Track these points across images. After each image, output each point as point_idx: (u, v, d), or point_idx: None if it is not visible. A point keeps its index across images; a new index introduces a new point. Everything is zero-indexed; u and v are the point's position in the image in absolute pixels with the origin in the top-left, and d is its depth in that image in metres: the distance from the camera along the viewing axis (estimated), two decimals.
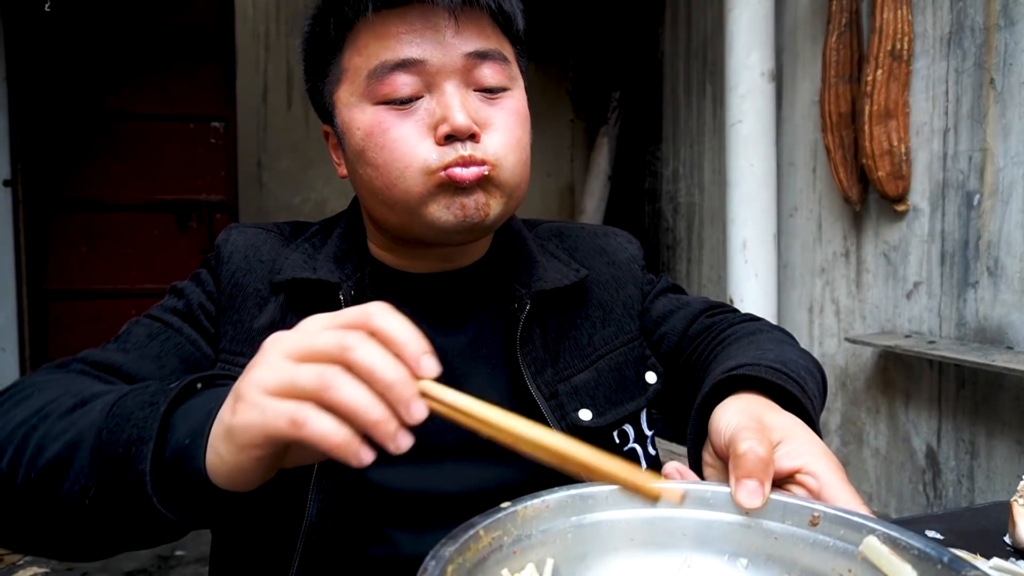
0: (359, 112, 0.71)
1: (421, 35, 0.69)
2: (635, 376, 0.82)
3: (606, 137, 4.04)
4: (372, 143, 0.70)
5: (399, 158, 0.69)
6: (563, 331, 0.81)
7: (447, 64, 0.69)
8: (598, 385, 0.79)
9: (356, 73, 0.71)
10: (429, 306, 0.79)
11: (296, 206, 4.38)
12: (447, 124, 0.68)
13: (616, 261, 0.88)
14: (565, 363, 0.79)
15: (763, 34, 2.47)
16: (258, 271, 0.77)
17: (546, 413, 0.74)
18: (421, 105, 0.69)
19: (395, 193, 0.70)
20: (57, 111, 3.24)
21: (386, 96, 0.69)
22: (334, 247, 0.79)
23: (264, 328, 0.72)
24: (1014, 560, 0.68)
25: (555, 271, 0.81)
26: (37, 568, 2.56)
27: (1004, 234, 1.79)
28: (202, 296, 0.76)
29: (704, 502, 0.51)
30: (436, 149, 0.68)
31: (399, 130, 0.69)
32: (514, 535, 0.49)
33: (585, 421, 0.76)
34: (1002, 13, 1.78)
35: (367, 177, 0.72)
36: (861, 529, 0.45)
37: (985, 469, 1.88)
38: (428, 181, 0.68)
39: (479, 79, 0.71)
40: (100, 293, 3.34)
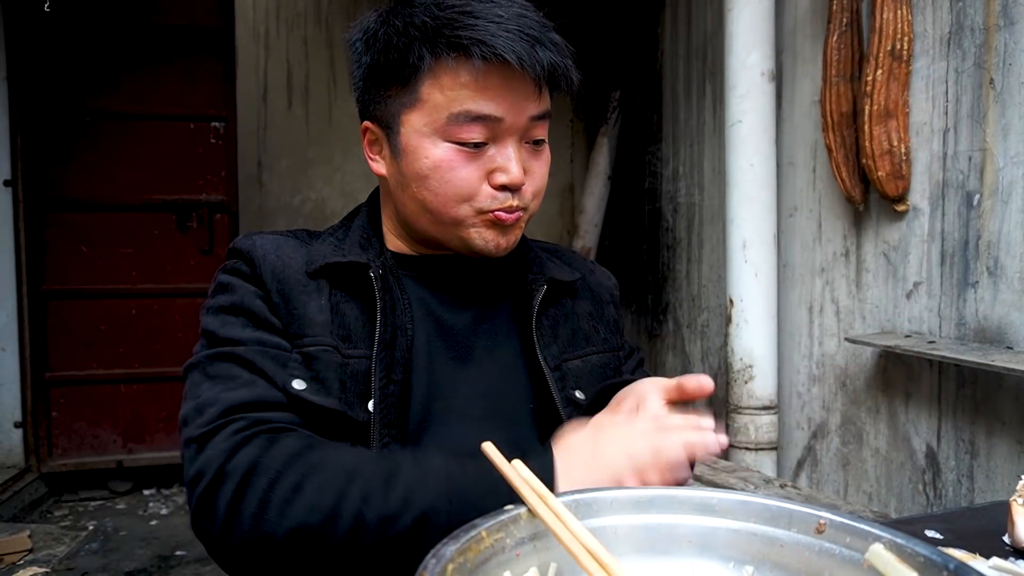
0: (431, 144, 0.80)
1: (505, 96, 0.78)
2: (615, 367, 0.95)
3: (606, 137, 4.04)
4: (439, 176, 0.80)
5: (459, 195, 0.80)
6: (562, 321, 0.93)
7: (516, 123, 0.80)
8: (589, 374, 0.91)
9: (435, 109, 0.79)
10: (445, 283, 0.90)
11: (296, 206, 4.37)
12: (506, 176, 0.80)
13: (601, 284, 1.02)
14: (563, 347, 0.91)
15: (763, 34, 2.47)
16: (292, 265, 0.84)
17: (551, 382, 0.86)
18: (487, 151, 0.80)
19: (445, 217, 0.82)
20: (57, 111, 3.23)
21: (460, 139, 0.79)
22: (357, 236, 0.89)
23: (321, 313, 0.81)
24: (1014, 560, 0.68)
25: (559, 269, 0.95)
26: (37, 568, 2.56)
27: (1004, 234, 1.79)
28: (255, 296, 0.82)
29: (708, 508, 0.51)
30: (487, 194, 0.81)
31: (465, 171, 0.80)
32: (517, 537, 0.49)
33: (580, 399, 0.87)
34: (1002, 13, 1.78)
35: (422, 197, 0.82)
36: (867, 537, 0.45)
37: (985, 469, 1.88)
38: (475, 217, 0.82)
39: (532, 135, 0.83)
40: (100, 293, 3.33)
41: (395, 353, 0.82)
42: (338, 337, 0.81)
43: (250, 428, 0.71)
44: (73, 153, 3.27)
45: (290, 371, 0.77)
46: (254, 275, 0.83)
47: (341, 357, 0.80)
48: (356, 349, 0.81)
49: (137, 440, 3.42)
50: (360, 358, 0.80)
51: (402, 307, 0.85)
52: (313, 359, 0.79)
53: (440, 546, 0.44)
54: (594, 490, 0.54)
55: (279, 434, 0.71)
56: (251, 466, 0.67)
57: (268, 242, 0.87)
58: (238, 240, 0.88)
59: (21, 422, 3.29)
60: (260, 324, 0.80)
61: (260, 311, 0.81)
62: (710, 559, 0.50)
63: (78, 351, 3.33)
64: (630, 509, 0.52)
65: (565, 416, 0.84)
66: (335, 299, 0.83)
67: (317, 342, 0.80)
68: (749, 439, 2.50)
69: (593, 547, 0.46)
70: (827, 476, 2.48)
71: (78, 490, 3.44)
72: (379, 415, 0.78)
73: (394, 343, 0.82)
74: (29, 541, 2.70)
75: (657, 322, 3.77)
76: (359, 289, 0.84)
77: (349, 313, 0.83)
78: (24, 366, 3.25)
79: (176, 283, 3.39)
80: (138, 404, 3.41)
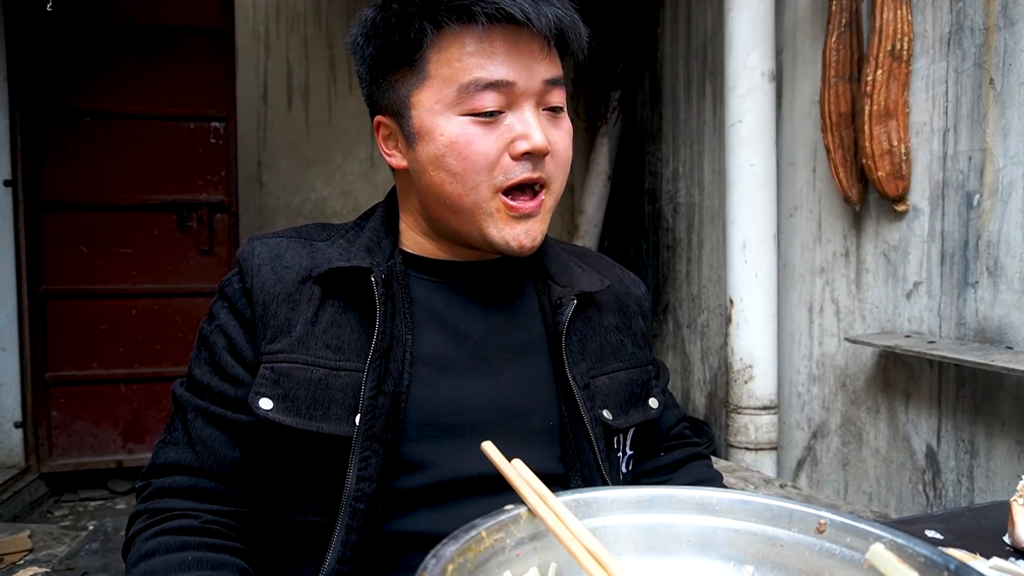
0: (444, 120, 0.77)
1: (513, 58, 0.76)
2: (642, 396, 0.91)
3: (606, 137, 4.04)
4: (456, 152, 0.76)
5: (479, 170, 0.76)
6: (590, 335, 0.88)
7: (530, 87, 0.77)
8: (617, 392, 0.87)
9: (444, 83, 0.76)
10: (464, 288, 0.86)
11: (296, 206, 4.37)
12: (528, 143, 0.76)
13: (629, 293, 0.97)
14: (590, 364, 0.87)
15: (763, 34, 2.47)
16: (285, 276, 0.82)
17: (580, 401, 0.82)
18: (503, 120, 0.77)
19: (465, 201, 0.78)
20: (57, 111, 3.23)
21: (474, 110, 0.76)
22: (366, 239, 0.85)
23: (303, 327, 0.79)
24: (1014, 560, 0.68)
25: (586, 278, 0.90)
26: (37, 568, 2.56)
27: (1004, 234, 1.79)
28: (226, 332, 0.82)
29: (708, 508, 0.51)
30: (507, 166, 0.77)
31: (483, 143, 0.76)
32: (517, 537, 0.49)
33: (608, 419, 0.84)
34: (1002, 13, 1.78)
35: (439, 181, 0.78)
36: (867, 536, 0.45)
37: (985, 469, 1.88)
38: (492, 201, 0.78)
39: (548, 101, 0.79)
40: (100, 293, 3.33)
41: (389, 364, 0.78)
42: (329, 349, 0.79)
43: (144, 510, 0.78)
44: (73, 153, 3.27)
45: (257, 390, 0.77)
46: (243, 289, 0.82)
47: (326, 371, 0.78)
48: (348, 361, 0.79)
49: (137, 440, 3.42)
50: (352, 371, 0.78)
51: (403, 315, 0.82)
52: (284, 376, 0.77)
53: (440, 546, 0.44)
54: (594, 490, 0.54)
55: (148, 520, 0.77)
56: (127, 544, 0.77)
57: (268, 250, 0.84)
58: (243, 245, 0.87)
59: (21, 422, 3.29)
60: (216, 367, 0.81)
61: (220, 351, 0.81)
62: (710, 559, 0.50)
63: (78, 351, 3.33)
64: (630, 509, 0.52)
65: (593, 437, 0.82)
66: (330, 310, 0.81)
67: (293, 359, 0.78)
68: (749, 439, 2.50)
69: (593, 547, 0.46)
70: (827, 476, 2.48)
71: (78, 490, 3.44)
72: (363, 427, 0.75)
73: (390, 353, 0.79)
74: (29, 541, 2.70)
75: (657, 322, 3.77)
76: (360, 296, 0.81)
77: (345, 324, 0.80)
78: (24, 366, 3.25)
79: (176, 283, 3.39)
80: (138, 404, 3.41)
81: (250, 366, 0.80)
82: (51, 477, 3.37)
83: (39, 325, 3.26)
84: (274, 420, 0.76)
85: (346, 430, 0.76)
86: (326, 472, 0.77)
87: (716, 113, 3.15)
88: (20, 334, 3.23)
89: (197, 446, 0.79)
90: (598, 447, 0.82)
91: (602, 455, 0.82)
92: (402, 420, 0.78)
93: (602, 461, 0.82)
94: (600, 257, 1.01)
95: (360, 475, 0.75)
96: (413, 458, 0.78)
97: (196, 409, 0.80)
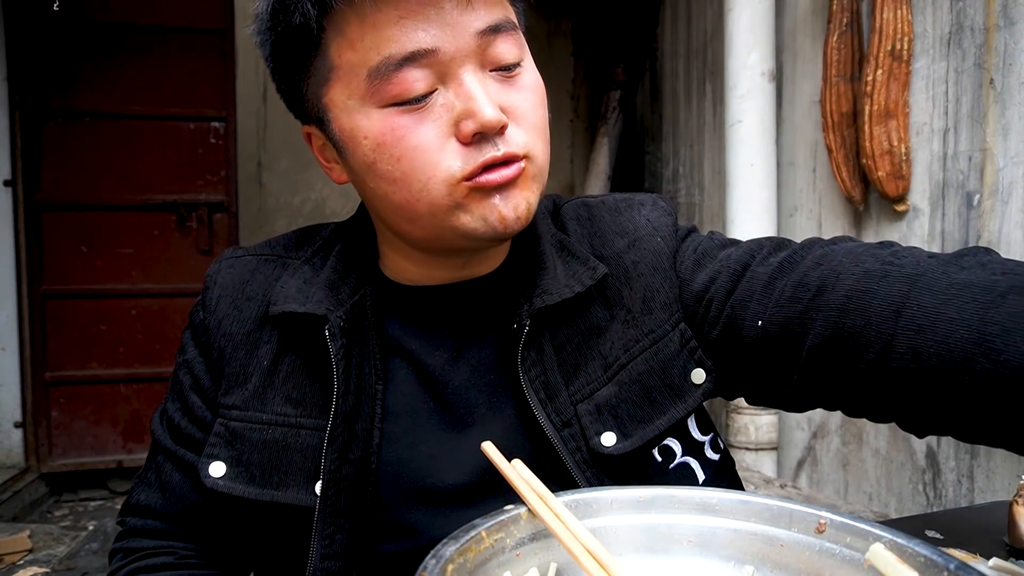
0: (363, 118, 0.60)
1: (424, 18, 0.58)
2: (668, 383, 0.69)
3: (606, 137, 4.04)
4: (385, 154, 0.60)
5: (420, 168, 0.60)
6: (584, 340, 0.70)
7: (461, 48, 0.59)
8: (620, 402, 0.67)
9: (352, 72, 0.60)
10: (439, 322, 0.72)
11: (296, 206, 4.37)
12: (473, 121, 0.58)
13: (637, 239, 0.73)
14: (588, 377, 0.68)
15: (763, 34, 2.47)
16: (246, 311, 0.72)
17: (557, 446, 0.65)
18: (436, 100, 0.60)
19: (419, 208, 0.61)
20: (57, 111, 3.23)
21: (396, 97, 0.59)
22: (330, 270, 0.71)
23: (258, 379, 0.70)
24: (1014, 560, 0.68)
25: (565, 276, 0.69)
26: (37, 568, 2.56)
27: (1004, 234, 1.79)
28: (191, 370, 0.75)
29: (708, 508, 0.51)
30: (460, 152, 0.59)
31: (416, 136, 0.59)
32: (516, 538, 0.49)
33: (607, 447, 0.66)
34: (1002, 13, 1.78)
35: (381, 192, 0.63)
36: (867, 536, 0.45)
37: (985, 469, 1.88)
38: (455, 192, 0.60)
39: (495, 57, 0.61)
40: (100, 293, 3.33)
41: (356, 425, 0.67)
42: (289, 403, 0.69)
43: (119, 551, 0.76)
44: (73, 153, 3.27)
45: (208, 452, 0.69)
46: (203, 324, 0.74)
47: (285, 430, 0.68)
48: (310, 418, 0.68)
49: (137, 440, 3.42)
50: (313, 429, 0.68)
51: (371, 363, 0.69)
52: (237, 437, 0.69)
53: (440, 546, 0.44)
54: (594, 490, 0.54)
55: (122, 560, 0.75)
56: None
57: (233, 277, 0.74)
58: (212, 264, 0.78)
59: (21, 422, 3.29)
60: (184, 405, 0.75)
61: (186, 390, 0.74)
62: (710, 559, 0.50)
63: (78, 351, 3.33)
64: (630, 509, 0.52)
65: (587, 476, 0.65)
66: (290, 357, 0.70)
67: (247, 417, 0.69)
68: (749, 439, 2.50)
69: (593, 547, 0.46)
70: (827, 476, 2.48)
71: (78, 490, 3.44)
72: (326, 502, 0.65)
73: (356, 413, 0.67)
74: (29, 541, 2.70)
75: None
76: (319, 343, 0.68)
77: (308, 372, 0.69)
78: (24, 366, 3.25)
79: (176, 283, 3.39)
80: (138, 404, 3.41)
81: (215, 407, 0.73)
82: (51, 477, 3.37)
83: (39, 325, 3.26)
84: (224, 491, 0.68)
85: (305, 499, 0.66)
86: (289, 545, 0.68)
87: (716, 113, 3.15)
88: (20, 334, 3.23)
89: (166, 491, 0.74)
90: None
91: None
92: (375, 484, 0.67)
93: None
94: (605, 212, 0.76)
95: (324, 553, 0.65)
96: (395, 523, 0.68)
97: (165, 452, 0.75)
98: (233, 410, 0.70)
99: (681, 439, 0.70)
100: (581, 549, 0.46)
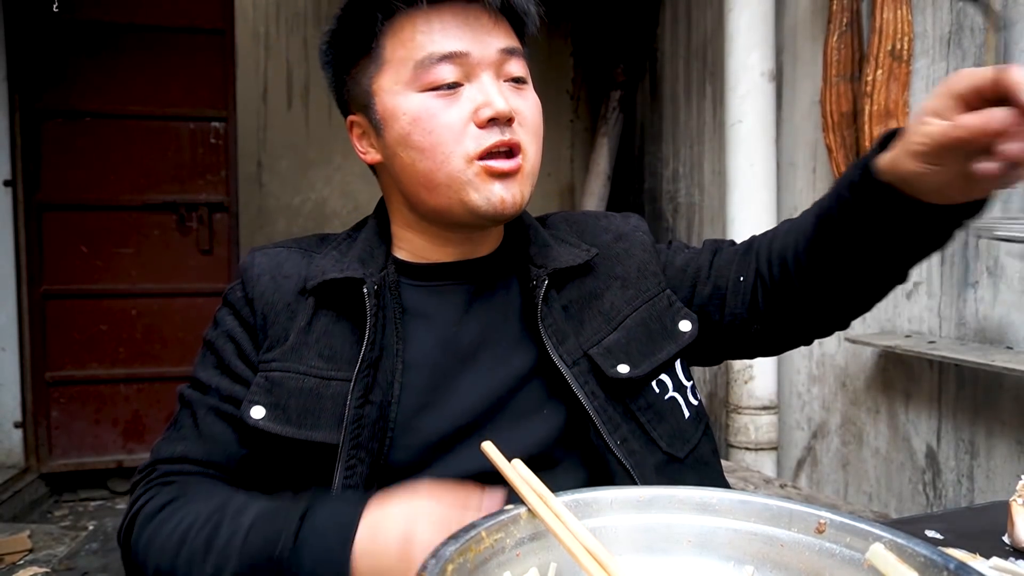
0: (404, 99, 0.79)
1: (464, 30, 0.78)
2: (663, 327, 0.87)
3: (606, 137, 4.04)
4: (420, 127, 0.78)
5: (445, 142, 0.77)
6: (585, 303, 0.87)
7: (486, 57, 0.78)
8: (629, 341, 0.85)
9: (401, 64, 0.78)
10: (452, 292, 0.86)
11: (296, 206, 4.37)
12: (490, 108, 0.76)
13: (622, 234, 0.95)
14: (593, 330, 0.85)
15: (763, 34, 2.47)
16: (284, 287, 0.85)
17: (568, 378, 0.80)
18: (463, 92, 0.78)
19: (439, 176, 0.78)
20: (57, 111, 3.23)
21: (432, 83, 0.77)
22: (359, 248, 0.87)
23: (297, 335, 0.82)
24: (1014, 560, 0.68)
25: (567, 253, 0.88)
26: (37, 568, 2.56)
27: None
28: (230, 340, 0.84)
29: (708, 508, 0.51)
30: (476, 134, 0.77)
31: (446, 115, 0.77)
32: (516, 538, 0.49)
33: (624, 374, 0.82)
34: (1002, 13, 1.78)
35: (409, 160, 0.79)
36: (867, 536, 0.45)
37: (985, 469, 1.88)
38: (469, 168, 0.77)
39: (508, 71, 0.81)
40: (100, 293, 3.33)
41: (378, 375, 0.79)
42: (321, 358, 0.81)
43: (152, 483, 0.79)
44: (73, 153, 3.26)
45: (250, 399, 0.79)
46: (245, 299, 0.85)
47: (318, 380, 0.80)
48: (339, 371, 0.80)
49: (137, 440, 3.42)
50: (342, 380, 0.79)
51: (394, 325, 0.83)
52: (276, 385, 0.79)
53: (440, 546, 0.44)
54: (594, 490, 0.54)
55: (159, 488, 0.78)
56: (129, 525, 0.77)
57: (268, 260, 0.87)
58: (245, 257, 0.90)
59: (21, 422, 3.29)
60: (225, 370, 0.83)
61: (228, 356, 0.84)
62: (710, 559, 0.50)
63: (78, 351, 3.33)
64: (630, 509, 0.52)
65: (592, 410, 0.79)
66: (324, 320, 0.83)
67: (285, 367, 0.80)
68: (749, 439, 2.50)
69: (593, 547, 0.46)
70: (827, 476, 2.48)
71: (78, 490, 3.44)
72: (348, 436, 0.76)
73: (379, 363, 0.80)
74: (29, 541, 2.70)
75: None
76: (353, 306, 0.82)
77: (338, 334, 0.82)
78: (24, 366, 3.25)
79: (176, 283, 3.39)
80: (138, 404, 3.40)
81: (254, 368, 0.83)
82: (51, 477, 3.37)
83: (39, 325, 3.26)
84: (264, 429, 0.78)
85: (334, 438, 0.77)
86: (315, 480, 0.78)
87: (716, 113, 3.15)
88: (20, 334, 3.23)
89: (207, 441, 0.81)
90: (600, 419, 0.80)
91: (610, 422, 0.80)
92: (391, 429, 0.79)
93: (608, 426, 0.79)
94: (587, 218, 0.99)
95: (345, 483, 0.76)
96: (404, 464, 0.79)
97: (207, 406, 0.82)
98: (273, 362, 0.81)
99: (672, 377, 0.87)
100: (581, 549, 0.46)
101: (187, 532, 0.71)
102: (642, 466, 0.79)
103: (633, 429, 0.81)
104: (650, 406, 0.84)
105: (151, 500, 0.77)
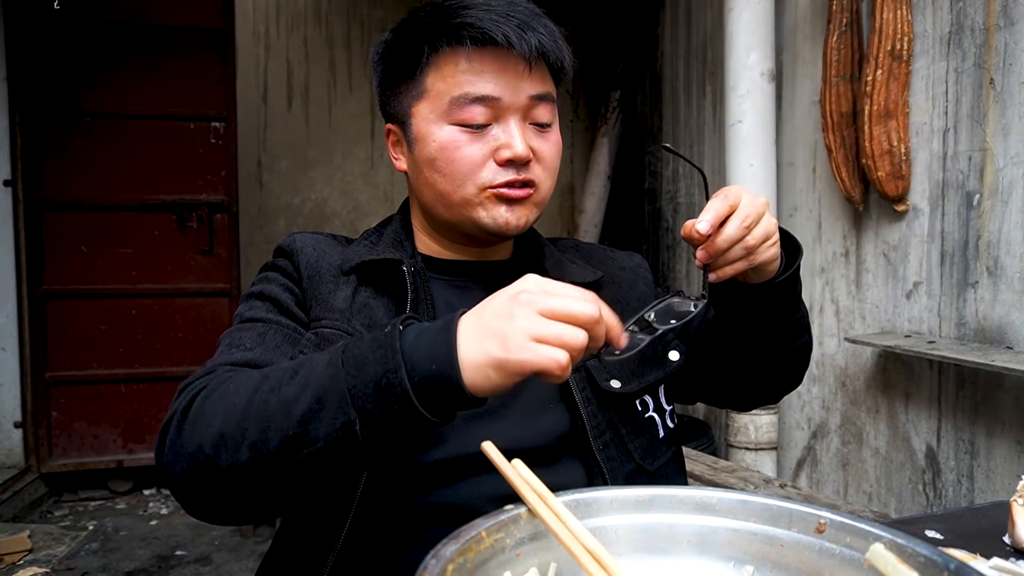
0: (436, 128, 0.86)
1: (499, 76, 0.84)
2: (655, 354, 0.96)
3: (606, 137, 4.04)
4: (445, 155, 0.86)
5: (465, 172, 0.85)
6: None
7: (515, 103, 0.85)
8: (623, 362, 0.93)
9: (439, 96, 0.86)
10: (470, 286, 0.94)
11: (296, 206, 4.37)
12: (510, 151, 0.84)
13: (626, 267, 1.06)
14: None
15: (763, 34, 2.47)
16: (328, 258, 0.92)
17: (571, 382, 0.87)
18: (490, 132, 0.86)
19: (454, 198, 0.87)
20: (57, 111, 3.23)
21: (463, 120, 0.85)
22: (390, 238, 0.96)
23: (343, 302, 0.88)
24: (1014, 560, 0.68)
25: (579, 271, 0.98)
26: (37, 568, 2.56)
27: (1004, 234, 1.79)
28: (284, 288, 0.90)
29: (708, 508, 0.51)
30: (494, 169, 0.85)
31: (469, 149, 0.85)
32: (517, 537, 0.49)
33: (615, 388, 0.90)
34: (1002, 13, 1.78)
35: (432, 180, 0.88)
36: (867, 536, 0.45)
37: (985, 469, 1.88)
38: (481, 195, 0.86)
39: (535, 116, 0.88)
40: (100, 293, 3.33)
41: None
42: (364, 327, 0.85)
43: (214, 378, 0.74)
44: (73, 153, 3.27)
45: (301, 348, 0.83)
46: (291, 264, 0.91)
47: None
48: None
49: (137, 440, 3.42)
50: None
51: (424, 306, 0.89)
52: (326, 340, 0.83)
53: (440, 546, 0.44)
54: (594, 490, 0.54)
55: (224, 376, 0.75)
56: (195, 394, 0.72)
57: (308, 238, 0.95)
58: (282, 239, 0.96)
59: (21, 422, 3.29)
60: (283, 311, 0.88)
61: (285, 301, 0.88)
62: (710, 559, 0.50)
63: (78, 351, 3.33)
64: (630, 509, 0.52)
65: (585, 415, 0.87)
66: (364, 295, 0.89)
67: (335, 326, 0.85)
68: (749, 439, 2.50)
69: (593, 547, 0.46)
70: (827, 476, 2.48)
71: (78, 490, 3.44)
72: None
73: None
74: (29, 541, 2.70)
75: None
76: (390, 285, 0.89)
77: (377, 308, 0.88)
78: (24, 366, 3.25)
79: (176, 283, 3.39)
80: (138, 404, 3.41)
81: (306, 310, 0.88)
82: (51, 477, 3.37)
83: (39, 325, 3.26)
84: None
85: None
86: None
87: (716, 113, 3.15)
88: (20, 334, 3.23)
89: (274, 352, 0.82)
90: (590, 423, 0.87)
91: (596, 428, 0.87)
92: None
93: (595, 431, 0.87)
94: (594, 248, 1.09)
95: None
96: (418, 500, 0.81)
97: (273, 323, 0.85)
98: (323, 320, 0.86)
99: (653, 399, 0.95)
100: (581, 549, 0.46)
101: (266, 372, 0.70)
102: (615, 472, 0.86)
103: (613, 437, 0.89)
104: (631, 420, 0.91)
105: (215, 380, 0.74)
